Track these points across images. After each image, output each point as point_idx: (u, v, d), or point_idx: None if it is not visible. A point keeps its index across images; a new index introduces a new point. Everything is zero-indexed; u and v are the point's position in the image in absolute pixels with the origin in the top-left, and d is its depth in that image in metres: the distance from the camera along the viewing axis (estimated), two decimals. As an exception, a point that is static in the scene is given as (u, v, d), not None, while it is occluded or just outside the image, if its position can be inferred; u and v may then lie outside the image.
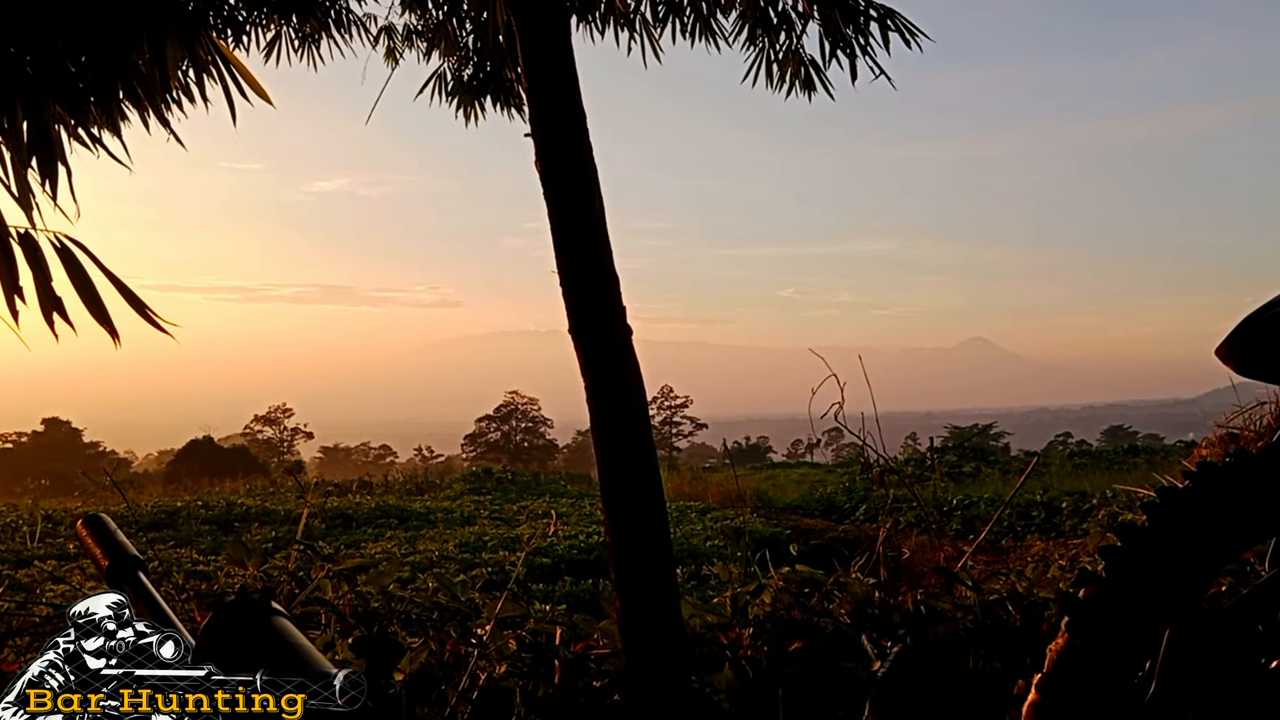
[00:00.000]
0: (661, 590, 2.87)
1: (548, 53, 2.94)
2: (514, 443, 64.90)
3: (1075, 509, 12.20)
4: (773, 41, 4.85)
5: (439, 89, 5.21)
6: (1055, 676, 1.52)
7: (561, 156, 2.93)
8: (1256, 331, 1.58)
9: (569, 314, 2.95)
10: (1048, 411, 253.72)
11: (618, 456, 2.89)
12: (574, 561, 10.43)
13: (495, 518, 15.18)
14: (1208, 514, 1.54)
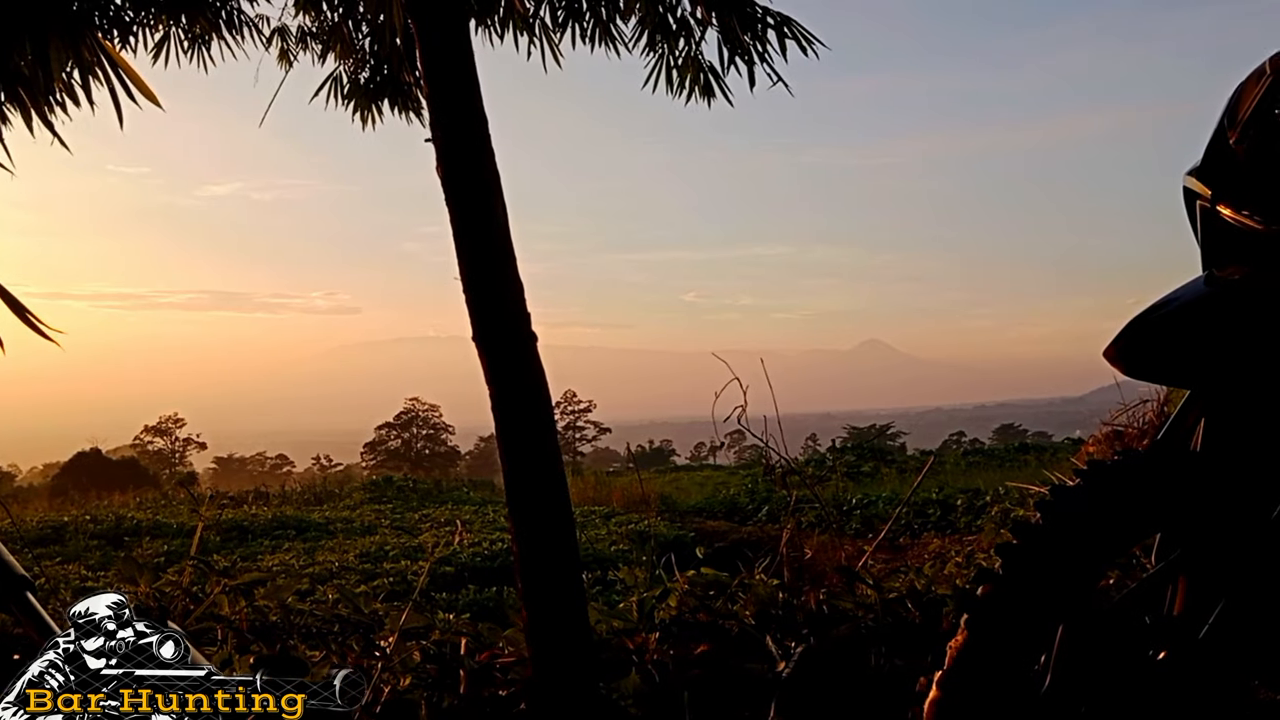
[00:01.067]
0: (569, 598, 2.85)
1: (447, 57, 2.91)
2: (415, 450, 64.10)
3: (970, 506, 12.52)
4: (672, 48, 4.87)
5: (335, 92, 5.11)
6: (955, 673, 1.56)
7: (463, 162, 2.90)
8: (1141, 334, 1.64)
9: (473, 321, 2.92)
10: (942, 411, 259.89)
11: (524, 465, 2.87)
12: (478, 569, 10.34)
13: (397, 527, 14.96)
14: (1098, 512, 1.60)
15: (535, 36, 4.79)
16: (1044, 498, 1.63)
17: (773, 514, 14.89)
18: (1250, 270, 1.69)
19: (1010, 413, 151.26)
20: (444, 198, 2.92)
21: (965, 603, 1.56)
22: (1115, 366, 1.66)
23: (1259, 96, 1.75)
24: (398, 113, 5.09)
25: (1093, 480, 1.62)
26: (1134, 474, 1.64)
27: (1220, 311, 1.65)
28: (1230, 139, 1.78)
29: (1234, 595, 1.68)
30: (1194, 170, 1.87)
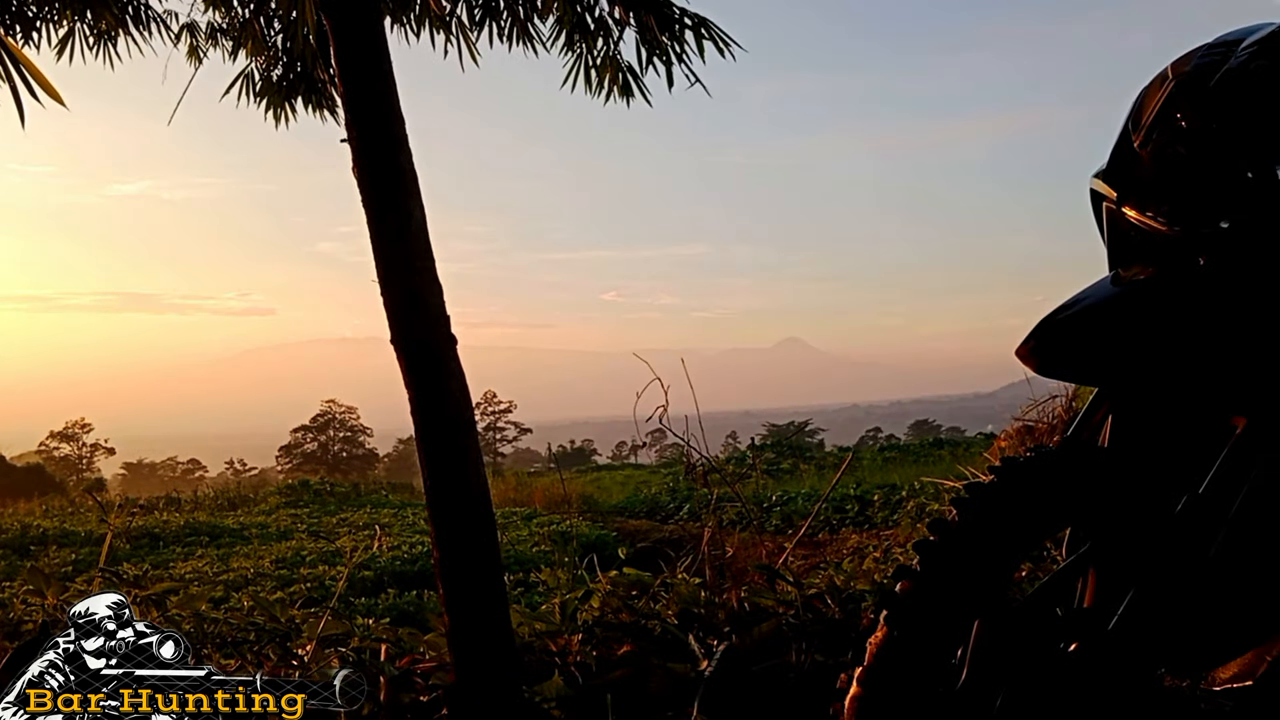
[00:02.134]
0: (491, 602, 2.83)
1: (362, 55, 2.86)
2: (332, 453, 63.22)
3: (886, 501, 12.72)
4: (590, 47, 4.87)
5: (247, 89, 5.00)
6: (875, 669, 1.58)
7: (380, 162, 2.85)
8: (1050, 333, 1.68)
9: (391, 325, 2.87)
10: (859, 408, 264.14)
11: (444, 470, 2.83)
12: (398, 573, 10.21)
13: (313, 531, 14.71)
14: (1011, 508, 1.63)
15: (452, 35, 4.75)
16: (960, 495, 1.66)
17: (694, 512, 14.96)
18: (1154, 270, 1.74)
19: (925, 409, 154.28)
20: (360, 199, 2.87)
21: (884, 599, 1.58)
22: (1027, 365, 1.70)
23: (1161, 101, 1.80)
24: (312, 111, 5.01)
25: (1006, 477, 1.65)
26: (1045, 470, 1.68)
27: (1126, 311, 1.70)
28: (1135, 142, 1.83)
29: (1141, 586, 1.72)
30: (1100, 173, 1.92)
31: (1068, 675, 1.70)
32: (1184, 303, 1.66)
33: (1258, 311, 1.64)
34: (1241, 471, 1.75)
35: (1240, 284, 1.65)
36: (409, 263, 2.86)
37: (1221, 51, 1.80)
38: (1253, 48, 1.76)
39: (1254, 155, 1.65)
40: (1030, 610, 1.71)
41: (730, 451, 27.00)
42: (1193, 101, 1.73)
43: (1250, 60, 1.74)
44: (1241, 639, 1.84)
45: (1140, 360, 1.62)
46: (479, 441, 2.95)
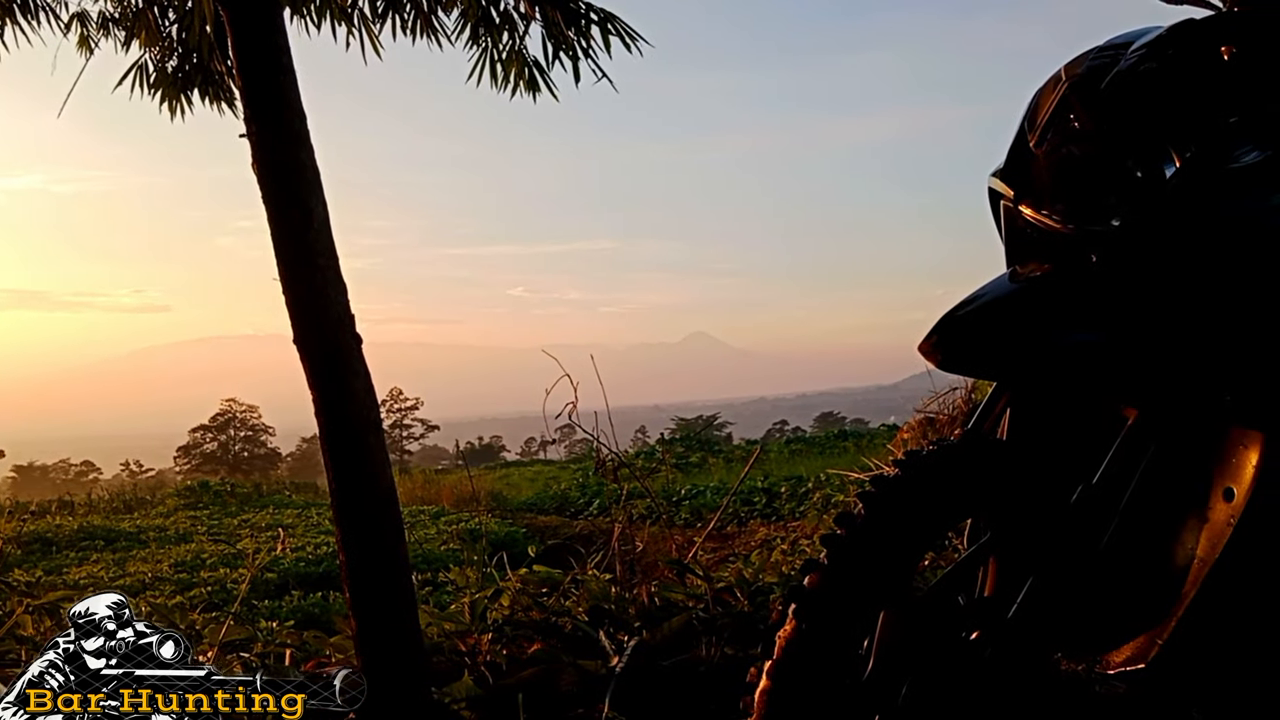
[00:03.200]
0: (399, 605, 2.79)
1: (260, 48, 2.79)
2: (233, 453, 61.80)
3: (793, 493, 12.88)
4: (496, 41, 4.83)
5: (140, 80, 4.84)
6: (784, 662, 1.60)
7: (281, 158, 2.78)
8: (951, 329, 1.72)
9: (294, 325, 2.81)
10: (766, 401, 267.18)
11: (350, 472, 2.78)
12: (302, 575, 10.00)
13: (214, 534, 14.33)
14: (915, 500, 1.67)
15: (354, 27, 4.66)
16: (865, 488, 1.68)
17: (604, 507, 14.99)
18: (1050, 267, 1.79)
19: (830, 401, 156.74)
20: (260, 195, 2.80)
21: (793, 594, 1.60)
22: (930, 360, 1.74)
23: (1055, 103, 1.85)
24: (209, 103, 4.86)
25: (910, 470, 1.69)
26: (947, 463, 1.72)
27: (1022, 307, 1.74)
28: (1030, 142, 1.88)
29: (1039, 575, 1.77)
30: (998, 172, 1.97)
31: (969, 662, 1.74)
32: (1077, 299, 1.71)
33: (1146, 307, 1.70)
34: (1132, 462, 1.82)
35: (1129, 281, 1.71)
36: (312, 261, 2.79)
37: (1111, 54, 1.86)
38: (1141, 50, 1.82)
39: (1142, 155, 1.71)
40: (933, 600, 1.74)
41: (640, 446, 27.11)
42: (1085, 103, 1.78)
43: (1139, 63, 1.79)
44: (1133, 624, 1.91)
45: (1036, 355, 1.67)
46: (385, 441, 2.91)
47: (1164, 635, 1.85)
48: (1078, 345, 1.66)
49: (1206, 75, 1.76)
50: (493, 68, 4.84)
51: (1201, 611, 1.82)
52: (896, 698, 1.66)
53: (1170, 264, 1.69)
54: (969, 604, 1.83)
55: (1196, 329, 1.71)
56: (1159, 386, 1.81)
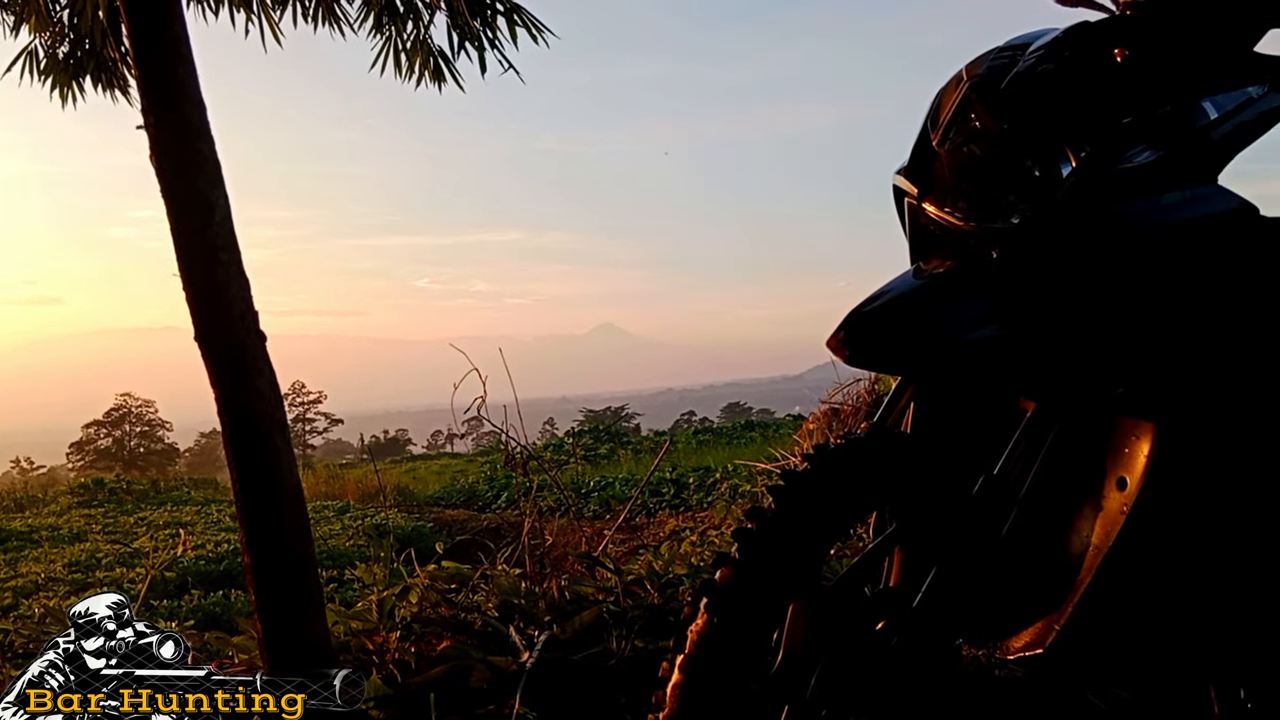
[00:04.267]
0: (307, 607, 2.73)
1: (158, 35, 2.69)
2: (128, 449, 60.01)
3: (701, 484, 12.96)
4: (400, 30, 4.76)
5: (30, 67, 4.65)
6: (696, 656, 1.61)
7: (180, 150, 2.69)
8: (858, 325, 1.74)
9: (195, 322, 2.72)
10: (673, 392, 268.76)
11: (255, 472, 2.71)
12: (202, 574, 9.75)
13: (110, 532, 13.90)
14: (825, 494, 1.69)
15: (253, 14, 4.55)
16: (775, 483, 1.70)
17: (512, 500, 14.91)
18: (952, 264, 1.83)
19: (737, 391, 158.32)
20: (160, 188, 2.71)
21: (704, 588, 1.61)
22: (838, 356, 1.76)
23: (956, 102, 1.89)
24: (103, 90, 4.70)
25: (818, 464, 1.71)
26: (854, 457, 1.74)
27: (925, 303, 1.78)
28: (933, 141, 1.92)
29: (942, 564, 1.81)
30: (902, 170, 2.00)
31: (876, 652, 1.77)
32: (978, 295, 1.75)
33: (1043, 303, 1.75)
34: (1032, 453, 1.87)
35: (1028, 278, 1.75)
36: (214, 257, 2.71)
37: (1010, 55, 1.90)
38: (1039, 52, 1.87)
39: (1040, 155, 1.75)
40: (840, 591, 1.77)
41: (548, 438, 27.04)
42: (985, 103, 1.82)
43: (1037, 64, 1.84)
44: (1032, 610, 1.96)
45: (938, 350, 1.70)
46: (290, 438, 2.85)
47: (1061, 621, 1.91)
48: (979, 340, 1.70)
49: (1101, 77, 1.81)
50: (397, 57, 4.78)
51: (1096, 597, 1.88)
52: (805, 688, 1.68)
53: (1066, 261, 1.73)
54: (875, 594, 1.87)
55: (1091, 324, 1.76)
56: (1056, 380, 1.87)
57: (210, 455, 59.46)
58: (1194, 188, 1.75)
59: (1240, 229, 1.80)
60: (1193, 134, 1.75)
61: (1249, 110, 1.78)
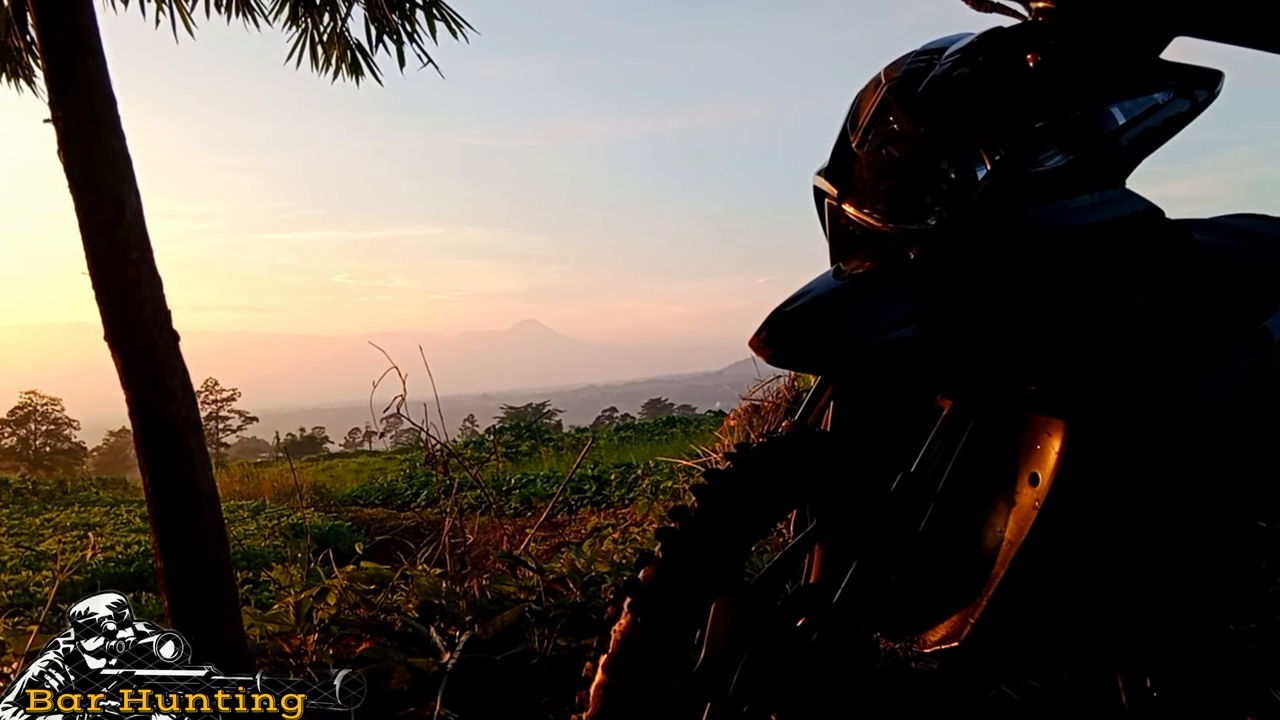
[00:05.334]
0: (223, 612, 2.66)
1: (67, 26, 2.60)
2: (34, 448, 58.20)
3: (623, 480, 12.98)
4: (316, 22, 4.69)
5: (-71, 56, 4.48)
6: (620, 655, 1.60)
7: (89, 145, 2.60)
8: (779, 325, 1.76)
9: (105, 321, 2.63)
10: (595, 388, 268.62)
11: (168, 475, 2.63)
12: (112, 576, 9.50)
13: (15, 534, 13.47)
14: (747, 493, 1.70)
15: (164, 3, 4.44)
16: (698, 481, 1.71)
17: (432, 498, 14.78)
18: (872, 265, 1.86)
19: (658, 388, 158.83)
20: (68, 184, 2.61)
21: (628, 587, 1.61)
22: (760, 356, 1.77)
23: (875, 105, 1.91)
24: (8, 81, 4.54)
25: (741, 463, 1.72)
26: (776, 455, 1.76)
27: (845, 304, 1.80)
28: (853, 142, 1.94)
29: (862, 559, 1.84)
30: (822, 171, 2.03)
31: (797, 648, 1.79)
32: (896, 296, 1.77)
33: (959, 304, 1.78)
34: (948, 450, 1.91)
35: (944, 278, 1.78)
36: (124, 255, 2.62)
37: (927, 59, 1.93)
38: (955, 56, 1.90)
39: (956, 158, 1.78)
40: (762, 589, 1.79)
41: (469, 435, 26.84)
42: (903, 106, 1.85)
43: (953, 68, 1.87)
44: (948, 604, 2.00)
45: (857, 349, 1.72)
46: (204, 439, 2.78)
47: (975, 614, 1.95)
48: (896, 340, 1.72)
49: (1014, 81, 1.85)
50: (313, 50, 4.71)
51: (1009, 591, 1.92)
52: (727, 686, 1.69)
53: (980, 263, 1.77)
54: (796, 591, 1.89)
55: (1004, 325, 1.80)
56: (971, 379, 1.91)
57: (119, 454, 57.99)
58: (1103, 191, 1.79)
59: (1146, 231, 1.85)
60: (1101, 139, 1.79)
61: (1155, 116, 1.83)
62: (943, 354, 1.78)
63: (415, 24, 4.55)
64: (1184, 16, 1.90)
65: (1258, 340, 2.19)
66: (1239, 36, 1.90)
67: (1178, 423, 2.02)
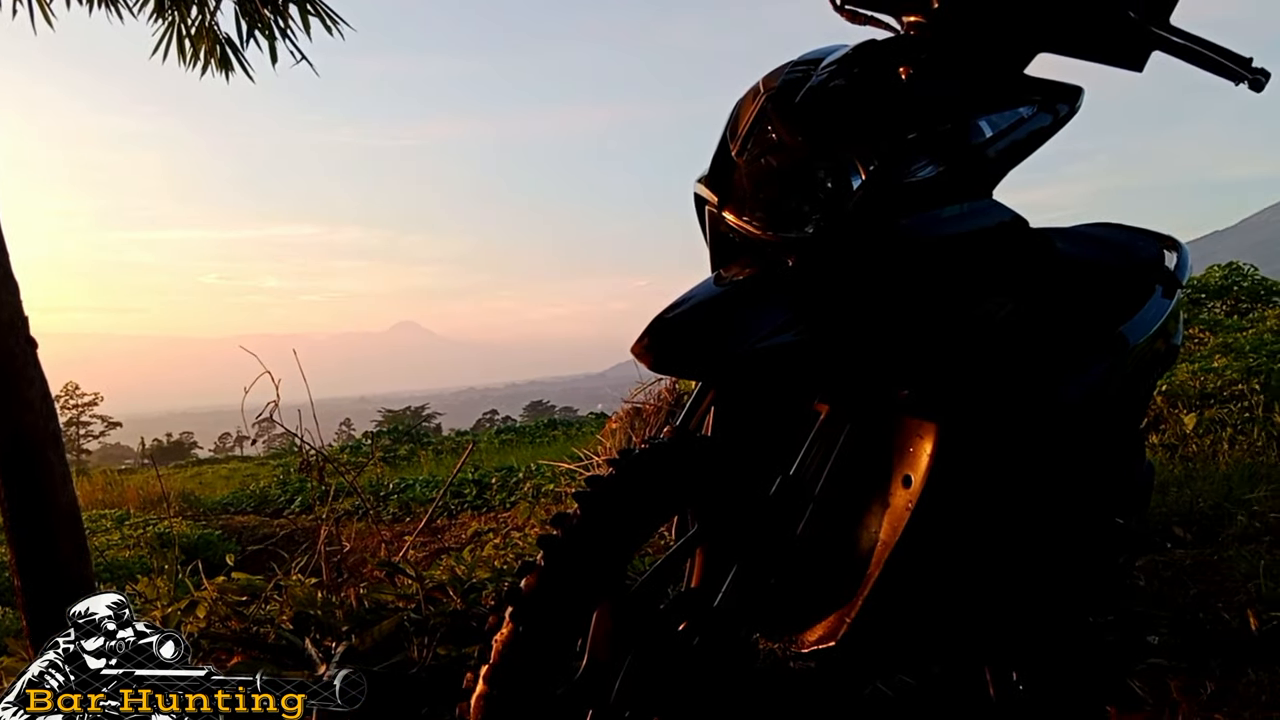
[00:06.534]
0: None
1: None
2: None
3: (504, 484, 12.86)
4: (184, 16, 4.54)
5: None
6: (501, 665, 1.59)
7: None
8: (661, 332, 1.76)
9: None
10: (475, 391, 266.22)
11: (27, 490, 2.51)
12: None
13: None
14: (630, 499, 1.70)
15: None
16: (580, 489, 1.70)
17: (307, 505, 14.43)
18: (752, 271, 1.88)
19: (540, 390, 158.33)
20: None
21: (509, 596, 1.60)
22: (642, 362, 1.78)
23: (754, 114, 1.94)
24: None
25: (623, 469, 1.72)
26: (658, 461, 1.76)
27: (725, 310, 1.82)
28: (732, 151, 1.97)
29: (742, 563, 1.86)
30: (703, 178, 2.05)
31: (678, 652, 1.80)
32: (775, 302, 1.80)
33: (835, 310, 1.82)
34: (825, 454, 1.94)
35: (821, 286, 1.82)
36: None
37: (804, 70, 1.97)
38: (831, 67, 1.94)
39: (831, 167, 1.82)
40: (643, 594, 1.79)
41: (345, 440, 26.32)
42: (780, 115, 1.88)
43: (829, 79, 1.91)
44: (825, 605, 2.04)
45: (737, 356, 1.74)
46: (64, 449, 2.66)
47: (851, 614, 1.99)
48: (775, 347, 1.75)
49: (887, 93, 1.90)
50: (180, 44, 4.55)
51: (884, 591, 1.97)
52: (609, 693, 1.69)
53: (855, 270, 1.81)
54: (677, 596, 1.90)
55: (878, 331, 1.85)
56: (847, 384, 1.95)
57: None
58: (971, 201, 1.85)
59: (1011, 241, 1.92)
60: (970, 151, 1.85)
61: (1020, 129, 1.90)
62: (820, 359, 1.81)
63: (288, 19, 4.44)
64: (1045, 35, 1.98)
65: (1114, 345, 2.29)
66: (1095, 54, 1.99)
67: (1040, 425, 2.10)
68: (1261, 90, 1.86)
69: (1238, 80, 1.85)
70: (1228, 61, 1.85)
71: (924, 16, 2.02)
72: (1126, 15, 1.90)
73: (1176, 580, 3.52)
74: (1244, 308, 14.65)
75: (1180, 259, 2.64)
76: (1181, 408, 7.38)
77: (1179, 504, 4.88)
